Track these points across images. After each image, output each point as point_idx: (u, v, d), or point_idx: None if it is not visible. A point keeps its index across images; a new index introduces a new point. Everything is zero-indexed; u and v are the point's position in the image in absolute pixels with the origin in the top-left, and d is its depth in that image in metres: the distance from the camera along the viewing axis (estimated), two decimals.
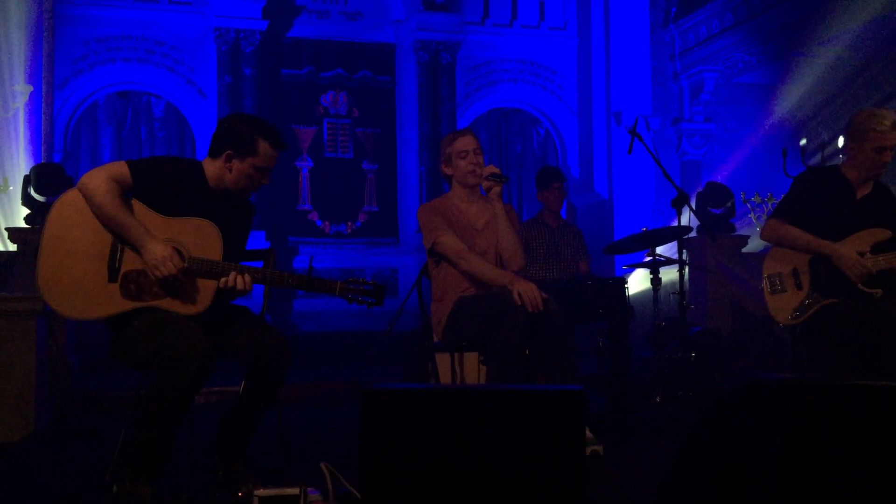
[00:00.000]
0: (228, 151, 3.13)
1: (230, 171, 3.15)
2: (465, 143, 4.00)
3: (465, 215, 4.02)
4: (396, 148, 11.01)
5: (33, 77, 9.19)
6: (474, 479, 2.10)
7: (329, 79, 10.78)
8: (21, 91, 9.03)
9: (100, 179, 2.96)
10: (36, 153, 9.10)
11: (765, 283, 4.03)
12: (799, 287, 3.93)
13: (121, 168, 3.02)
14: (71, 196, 3.03)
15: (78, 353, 6.14)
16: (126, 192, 3.02)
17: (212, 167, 3.17)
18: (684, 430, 4.30)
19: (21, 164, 8.76)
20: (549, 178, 5.79)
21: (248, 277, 3.05)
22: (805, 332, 3.96)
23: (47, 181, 6.54)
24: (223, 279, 3.01)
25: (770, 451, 2.15)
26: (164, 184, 3.07)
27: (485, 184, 3.98)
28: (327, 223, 10.79)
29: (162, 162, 3.22)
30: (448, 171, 4.06)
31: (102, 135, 10.46)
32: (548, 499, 2.08)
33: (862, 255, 3.81)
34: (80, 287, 2.97)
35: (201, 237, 3.04)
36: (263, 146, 3.14)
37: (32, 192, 6.61)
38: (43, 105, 9.39)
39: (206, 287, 3.03)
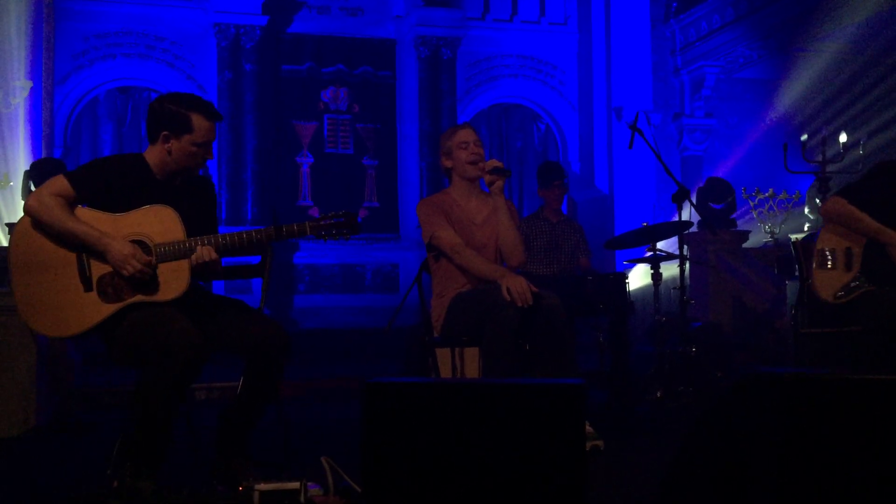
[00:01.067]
0: (164, 132, 3.11)
1: (169, 153, 3.13)
2: (465, 135, 4.01)
3: (464, 210, 4.02)
4: (397, 143, 11.00)
5: (33, 72, 9.18)
6: (475, 473, 2.10)
7: (329, 74, 10.77)
8: (21, 86, 9.02)
9: (43, 198, 2.98)
10: (36, 149, 9.10)
11: (816, 256, 4.00)
12: (849, 268, 3.95)
13: (60, 182, 3.03)
14: (24, 222, 3.05)
15: (79, 348, 6.14)
16: (73, 203, 3.02)
17: (152, 154, 3.16)
18: (685, 426, 4.31)
19: (21, 160, 8.76)
20: (551, 176, 5.78)
21: (208, 247, 3.03)
22: (840, 315, 3.93)
23: (48, 176, 6.52)
24: (194, 256, 3.00)
25: (771, 446, 2.15)
26: (108, 184, 3.07)
27: (487, 178, 3.97)
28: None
29: (101, 164, 3.21)
30: (448, 164, 4.05)
31: (103, 130, 10.45)
32: (548, 493, 2.08)
33: None
34: (61, 305, 2.98)
35: (159, 222, 3.04)
36: (197, 120, 3.12)
37: (33, 188, 6.61)
38: (43, 100, 9.38)
39: (180, 269, 3.02)
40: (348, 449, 2.96)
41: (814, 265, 4.00)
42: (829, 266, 3.95)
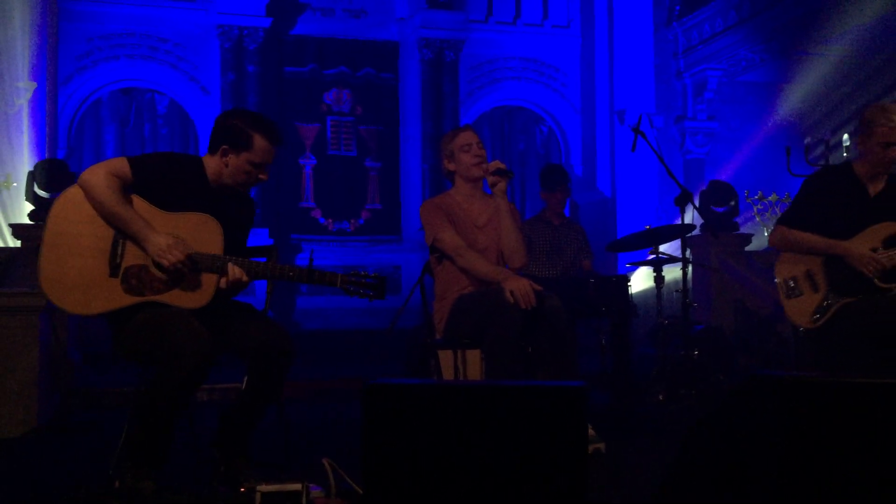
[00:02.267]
0: (224, 146, 3.13)
1: (226, 166, 3.15)
2: (467, 137, 4.01)
3: (467, 212, 4.02)
4: (400, 145, 11.01)
5: (37, 74, 9.19)
6: (476, 475, 2.10)
7: (332, 76, 10.78)
8: (25, 88, 9.04)
9: (100, 175, 2.97)
10: (40, 150, 9.11)
11: (780, 288, 3.98)
12: (815, 289, 3.90)
13: (121, 163, 3.03)
14: (72, 192, 3.04)
15: (80, 348, 6.15)
16: (126, 188, 3.02)
17: (210, 163, 3.18)
18: (686, 428, 4.30)
19: (25, 161, 8.77)
20: (554, 180, 5.78)
21: (239, 270, 3.03)
22: (826, 333, 3.92)
23: (51, 177, 6.54)
24: (226, 277, 3.01)
25: (771, 448, 2.15)
26: (163, 179, 3.08)
27: (490, 179, 3.97)
28: (330, 220, 10.79)
29: (162, 157, 3.24)
30: (451, 167, 4.05)
31: (106, 131, 10.46)
32: (550, 495, 2.08)
33: (874, 250, 3.78)
34: (81, 282, 2.97)
35: (202, 232, 3.05)
36: (259, 141, 3.14)
37: (36, 189, 6.62)
38: (47, 102, 9.40)
39: (207, 281, 3.03)
40: (350, 450, 2.96)
41: (781, 297, 3.97)
42: (796, 294, 3.93)
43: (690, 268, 5.44)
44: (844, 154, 6.91)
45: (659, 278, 5.36)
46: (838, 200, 3.91)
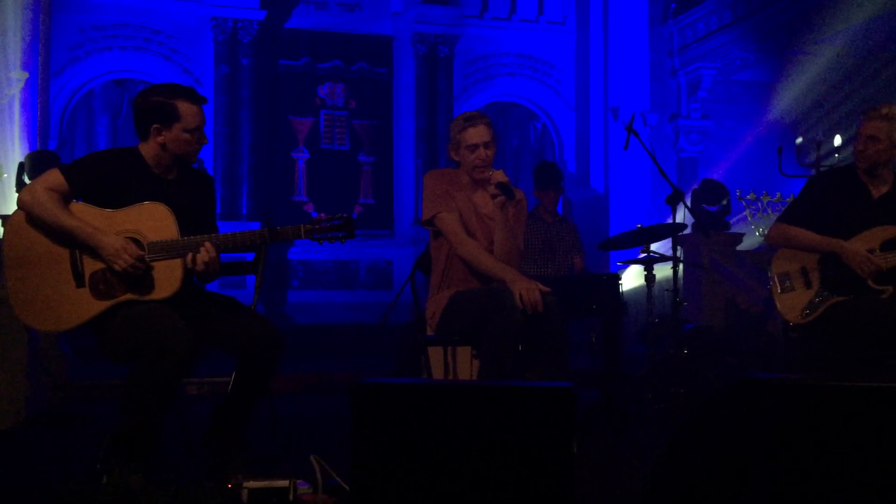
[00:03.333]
0: (154, 126, 3.08)
1: (163, 145, 3.10)
2: (477, 135, 3.80)
3: (470, 198, 3.89)
4: (393, 140, 11.00)
5: (29, 64, 9.15)
6: (463, 473, 2.10)
7: (326, 70, 10.76)
8: (17, 78, 9.00)
9: (38, 192, 2.97)
10: (31, 140, 9.08)
11: (773, 283, 4.00)
12: (808, 285, 3.92)
13: (55, 176, 3.01)
14: (16, 216, 3.04)
15: (71, 341, 6.13)
16: (67, 197, 3.00)
17: (147, 149, 3.13)
18: (676, 426, 4.31)
19: (16, 152, 8.74)
20: (548, 180, 5.77)
21: (208, 245, 3.02)
22: (813, 330, 3.94)
23: (42, 168, 6.50)
24: (188, 256, 2.99)
25: (760, 450, 2.15)
26: (102, 179, 3.05)
27: (490, 190, 3.82)
28: (323, 215, 10.74)
29: (95, 157, 3.19)
30: (455, 157, 3.90)
31: (98, 122, 10.43)
32: (537, 494, 2.09)
33: (871, 252, 3.79)
34: (53, 299, 2.98)
35: (153, 220, 3.02)
36: (184, 106, 3.09)
37: (27, 180, 6.59)
38: (39, 92, 9.36)
39: (174, 267, 3.01)
40: (338, 446, 2.97)
41: (774, 291, 3.99)
42: (788, 289, 3.95)
43: (681, 266, 5.45)
44: (836, 156, 6.93)
45: (650, 277, 5.37)
46: (841, 202, 3.92)
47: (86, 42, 10.04)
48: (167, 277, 3.01)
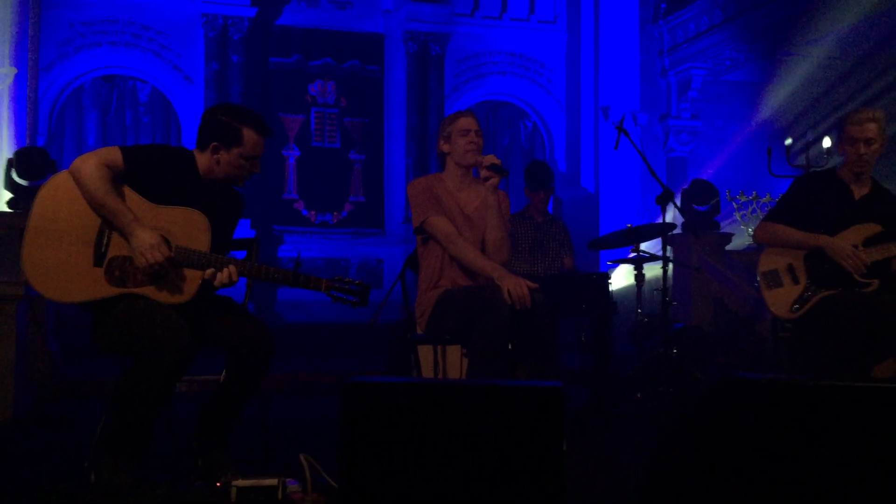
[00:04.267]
0: (214, 143, 3.12)
1: (218, 162, 3.14)
2: (468, 122, 3.95)
3: (455, 198, 3.95)
4: (384, 138, 10.99)
5: (18, 59, 9.11)
6: (453, 473, 2.10)
7: (317, 67, 10.75)
8: (5, 73, 8.96)
9: (92, 164, 2.96)
10: (20, 136, 9.04)
11: (760, 280, 4.07)
12: (796, 281, 4.02)
13: (113, 153, 3.01)
14: (62, 178, 3.02)
15: (58, 339, 6.10)
16: (117, 178, 3.00)
17: (201, 159, 3.17)
18: (664, 426, 4.33)
19: (4, 148, 8.70)
20: (539, 180, 5.77)
21: (233, 269, 3.04)
22: (802, 325, 4.00)
23: (31, 165, 6.49)
24: (209, 271, 3.00)
25: (749, 449, 2.16)
26: (155, 171, 3.06)
27: (483, 172, 3.92)
28: (313, 212, 10.76)
29: (154, 149, 3.22)
30: (445, 148, 3.99)
31: (87, 119, 10.39)
32: (527, 494, 2.09)
33: (855, 248, 3.89)
34: (64, 269, 2.95)
35: (189, 227, 3.03)
36: (248, 134, 3.14)
37: (15, 176, 6.56)
38: (27, 88, 9.32)
39: (191, 277, 3.02)
40: (328, 445, 2.96)
41: (763, 288, 4.06)
42: (776, 285, 4.02)
43: (671, 266, 5.46)
44: (825, 156, 6.96)
45: (639, 276, 5.38)
46: (824, 203, 4.04)
47: (75, 38, 9.99)
48: (184, 286, 3.01)
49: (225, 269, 3.01)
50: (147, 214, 3.00)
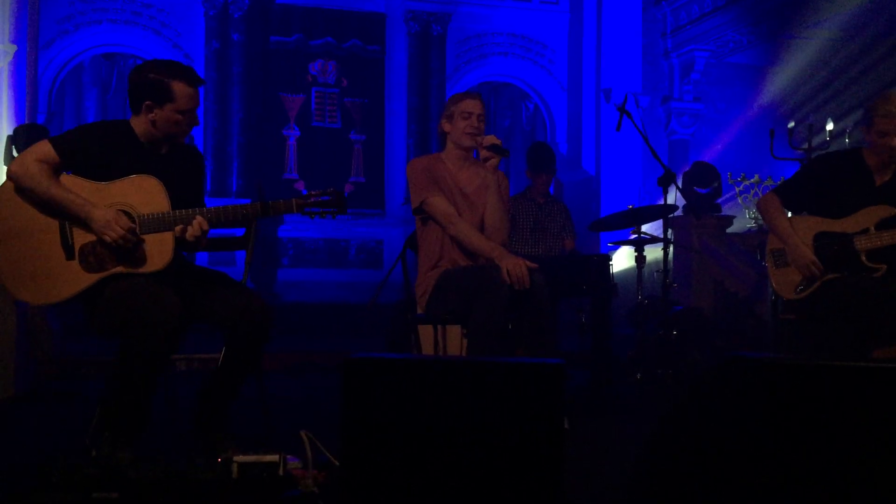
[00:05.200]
0: (147, 102, 3.07)
1: (154, 122, 3.09)
2: (473, 105, 3.93)
3: (455, 178, 3.95)
4: (385, 119, 10.96)
5: (18, 36, 9.07)
6: (453, 449, 2.11)
7: (318, 47, 10.70)
8: (4, 50, 8.92)
9: (27, 163, 2.95)
10: (20, 114, 9.01)
11: (768, 258, 4.05)
12: None
13: (45, 147, 2.99)
14: (6, 186, 3.01)
15: (59, 317, 6.11)
16: (58, 169, 2.99)
17: (137, 123, 3.12)
18: (663, 407, 4.34)
19: (4, 125, 8.68)
20: (541, 163, 5.75)
21: (200, 219, 3.02)
22: (806, 307, 3.98)
23: (31, 142, 6.44)
24: (177, 228, 2.98)
25: (748, 430, 2.16)
26: (94, 151, 3.03)
27: (483, 153, 3.93)
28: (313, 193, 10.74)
29: (86, 130, 3.16)
30: (446, 127, 3.98)
31: (87, 97, 10.37)
32: (526, 471, 2.09)
33: (865, 231, 3.84)
34: (42, 272, 2.96)
35: (144, 193, 3.01)
36: (179, 87, 3.07)
37: (15, 153, 6.54)
38: (27, 65, 9.28)
39: (164, 240, 3.00)
40: (328, 423, 2.97)
41: (769, 266, 4.04)
42: (783, 264, 3.99)
43: (672, 248, 5.45)
44: (827, 139, 6.94)
45: (640, 258, 5.38)
46: (843, 185, 3.96)
47: (75, 15, 9.94)
48: (158, 250, 3.00)
49: (194, 221, 3.00)
50: (98, 195, 2.99)
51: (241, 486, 2.62)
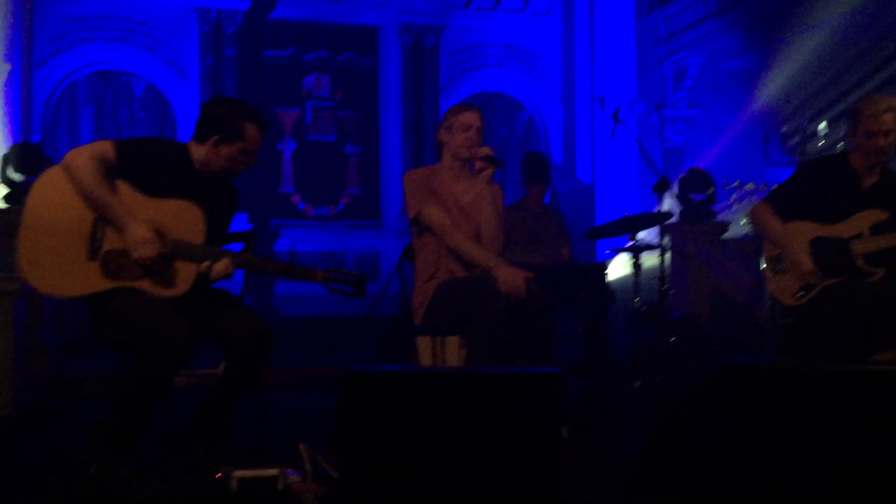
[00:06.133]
0: (215, 136, 3.12)
1: (218, 156, 3.14)
2: (472, 118, 3.97)
3: (450, 190, 3.97)
4: (379, 131, 10.99)
5: (12, 55, 9.09)
6: (452, 460, 2.11)
7: (312, 61, 10.73)
8: None
9: (84, 157, 2.95)
10: (15, 132, 9.02)
11: (766, 264, 4.06)
12: None
13: (106, 147, 3.01)
14: (54, 173, 3.01)
15: (56, 334, 6.09)
16: (111, 171, 2.99)
17: (198, 151, 3.17)
18: (662, 415, 4.33)
19: (0, 144, 8.67)
20: (537, 174, 5.76)
21: (229, 261, 3.04)
22: (806, 313, 3.97)
23: (26, 161, 6.47)
24: (204, 264, 3.00)
25: (745, 435, 2.17)
26: (148, 164, 3.06)
27: (478, 164, 3.95)
28: (309, 206, 10.76)
29: (147, 142, 3.21)
30: (445, 138, 4.00)
31: (82, 115, 10.38)
32: (524, 479, 2.09)
33: (860, 235, 3.86)
34: (59, 264, 2.95)
35: (184, 219, 3.03)
36: (250, 129, 3.15)
37: (10, 173, 6.54)
38: (22, 84, 9.30)
39: (187, 270, 3.01)
40: (327, 436, 2.97)
41: (768, 273, 4.05)
42: (782, 270, 4.00)
43: (668, 255, 5.46)
44: (820, 144, 6.96)
45: (637, 266, 5.38)
46: (832, 190, 3.98)
47: (69, 33, 9.95)
48: (179, 278, 3.00)
49: (221, 262, 3.02)
50: (141, 207, 3.00)
51: (241, 500, 2.62)
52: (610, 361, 5.15)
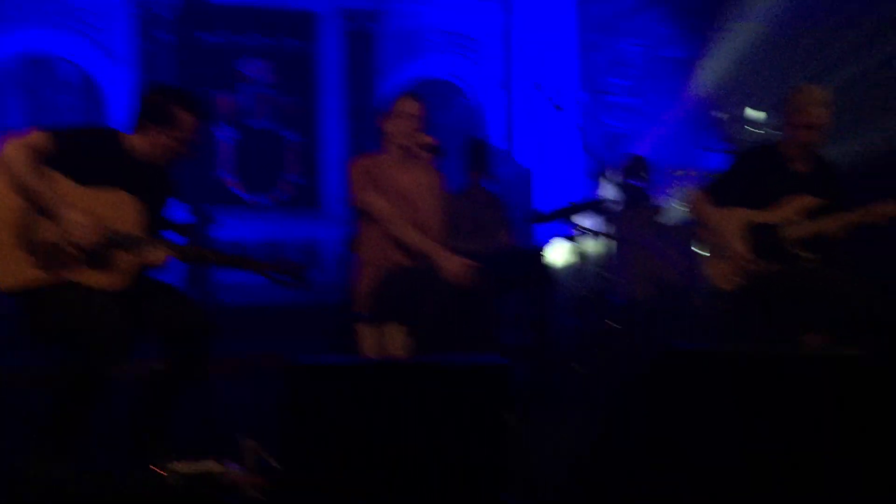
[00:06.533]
0: (149, 124, 3.09)
1: (152, 144, 3.11)
2: (413, 106, 4.05)
3: (393, 179, 4.01)
4: (318, 117, 10.88)
5: None
6: (397, 451, 2.10)
7: (249, 45, 10.57)
8: None
9: (17, 148, 2.88)
10: None
11: (703, 251, 4.13)
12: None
13: (39, 137, 2.95)
14: None
15: None
16: (42, 160, 2.92)
17: (133, 139, 3.13)
18: (605, 400, 4.38)
19: None
20: (476, 160, 5.78)
21: (166, 250, 3.00)
22: (741, 297, 4.05)
23: None
24: (145, 255, 2.96)
25: (690, 419, 2.20)
26: (82, 153, 3.01)
27: (419, 152, 3.97)
28: (247, 193, 10.63)
29: (80, 131, 3.16)
30: (387, 126, 4.04)
31: (10, 101, 10.06)
32: (471, 469, 2.09)
33: (792, 221, 3.95)
34: None
35: (119, 208, 2.99)
36: (184, 116, 3.11)
37: None
38: None
39: (124, 261, 2.96)
40: (270, 428, 2.94)
41: (704, 259, 4.14)
42: (718, 255, 4.08)
43: (608, 241, 5.51)
44: (759, 131, 7.09)
45: (578, 252, 5.43)
46: (766, 178, 4.07)
47: None
48: (115, 269, 2.95)
49: (158, 251, 2.97)
50: (76, 197, 2.94)
51: (182, 495, 2.58)
52: (552, 347, 5.19)
